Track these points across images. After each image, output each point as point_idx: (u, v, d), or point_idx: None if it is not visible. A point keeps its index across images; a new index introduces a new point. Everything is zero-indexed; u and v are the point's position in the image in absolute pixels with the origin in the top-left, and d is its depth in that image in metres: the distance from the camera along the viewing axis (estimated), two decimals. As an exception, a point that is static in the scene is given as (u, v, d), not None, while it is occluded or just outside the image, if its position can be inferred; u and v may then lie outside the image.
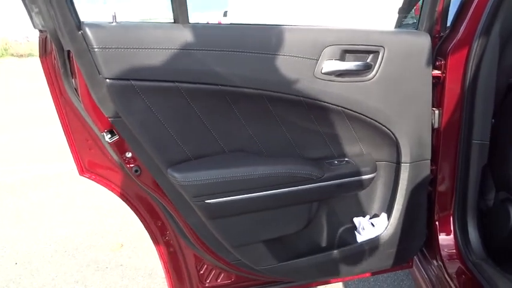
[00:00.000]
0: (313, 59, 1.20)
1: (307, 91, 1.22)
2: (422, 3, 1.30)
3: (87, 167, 1.28)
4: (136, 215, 1.36)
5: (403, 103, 1.31)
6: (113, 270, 2.46)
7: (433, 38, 1.32)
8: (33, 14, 1.09)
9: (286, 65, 1.18)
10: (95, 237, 2.86)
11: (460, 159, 1.43)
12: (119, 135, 1.17)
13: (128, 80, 1.06)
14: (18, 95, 8.70)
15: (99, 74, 1.05)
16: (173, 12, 1.13)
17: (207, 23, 1.23)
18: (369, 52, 1.25)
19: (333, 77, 1.23)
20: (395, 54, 1.26)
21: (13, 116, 6.80)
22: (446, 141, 1.42)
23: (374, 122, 1.31)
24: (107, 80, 1.05)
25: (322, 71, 1.21)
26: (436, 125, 1.39)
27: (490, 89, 1.36)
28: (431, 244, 1.53)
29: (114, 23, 1.06)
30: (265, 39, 1.18)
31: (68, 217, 3.18)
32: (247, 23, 1.25)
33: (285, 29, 1.20)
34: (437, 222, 1.51)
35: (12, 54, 19.98)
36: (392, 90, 1.29)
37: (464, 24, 1.33)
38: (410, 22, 1.88)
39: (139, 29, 1.08)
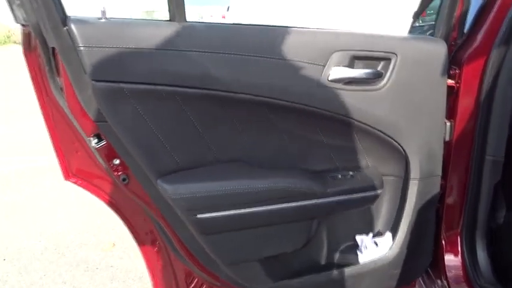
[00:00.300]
0: (320, 65, 1.11)
1: (311, 99, 1.13)
2: (439, 8, 1.21)
3: (73, 172, 1.20)
4: (126, 224, 1.28)
5: (415, 115, 1.22)
6: (102, 271, 2.38)
7: (449, 46, 1.23)
8: (14, 7, 1.00)
9: (290, 70, 1.09)
10: (86, 235, 2.78)
11: (472, 175, 1.34)
12: (106, 140, 1.08)
13: (116, 82, 0.97)
14: (20, 84, 8.60)
15: (86, 75, 0.96)
16: (169, 9, 1.04)
17: (207, 21, 1.14)
18: (380, 59, 1.16)
19: (340, 85, 1.14)
20: (408, 62, 1.17)
21: (14, 105, 6.72)
22: (457, 156, 1.34)
23: (382, 134, 1.22)
24: (93, 81, 0.96)
25: (329, 78, 1.12)
26: (447, 138, 1.30)
27: (507, 102, 1.28)
28: (437, 263, 1.44)
29: (103, 20, 0.96)
30: (268, 42, 1.09)
31: (61, 213, 3.10)
32: (249, 23, 1.16)
33: (290, 31, 1.11)
34: (443, 241, 1.42)
35: (15, 42, 19.85)
36: (404, 100, 1.20)
37: (482, 31, 1.24)
38: (417, 25, 1.79)
39: (131, 26, 0.99)
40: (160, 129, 1.05)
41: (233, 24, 1.17)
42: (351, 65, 1.14)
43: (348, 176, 1.26)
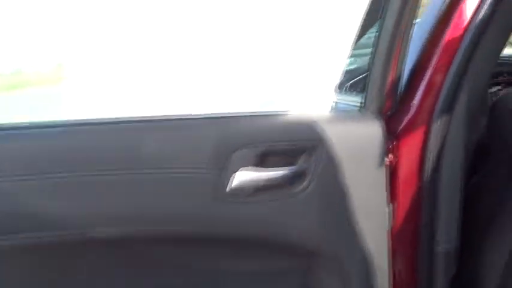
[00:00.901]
0: (214, 172, 0.77)
1: (205, 221, 0.80)
2: (369, 76, 0.94)
3: None
4: None
5: (351, 219, 0.93)
6: None
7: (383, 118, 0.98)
8: None
9: (169, 186, 0.75)
10: None
11: (420, 271, 1.08)
12: None
13: None
14: None
15: None
16: None
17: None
18: (299, 152, 0.84)
19: (245, 196, 0.80)
20: (337, 151, 0.88)
21: None
22: (401, 248, 1.07)
23: (310, 249, 0.91)
24: None
25: (230, 188, 0.78)
26: (387, 227, 1.02)
27: (456, 180, 1.04)
28: None
29: None
30: (128, 146, 0.72)
31: None
32: (95, 118, 0.77)
33: (164, 125, 0.75)
34: None
35: None
36: (335, 202, 0.91)
37: (419, 96, 1.00)
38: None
39: None
40: None
41: (66, 123, 0.76)
42: (259, 165, 0.81)
43: None
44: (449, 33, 0.97)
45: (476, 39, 0.96)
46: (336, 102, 1.04)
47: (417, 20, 1.00)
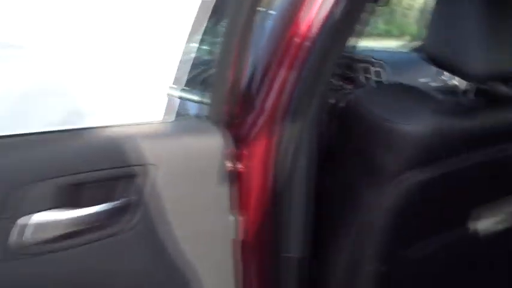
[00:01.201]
0: None
1: None
2: (215, 77, 0.81)
3: None
4: None
5: (193, 248, 0.80)
6: None
7: (229, 124, 0.86)
8: None
9: None
10: None
11: (274, 280, 1.03)
12: None
13: None
14: None
15: None
16: None
17: None
18: (123, 179, 0.66)
19: (49, 245, 0.59)
20: (173, 172, 0.73)
21: None
22: (252, 259, 1.00)
23: None
24: None
25: (20, 239, 0.57)
26: (232, 236, 0.94)
27: (309, 185, 1.00)
28: None
29: None
30: None
31: None
32: None
33: None
34: None
35: None
36: (172, 237, 0.75)
37: (271, 99, 0.91)
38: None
39: None
40: None
41: None
42: (64, 204, 0.60)
43: None
44: (303, 31, 0.88)
45: (331, 37, 0.89)
46: (173, 105, 0.87)
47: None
